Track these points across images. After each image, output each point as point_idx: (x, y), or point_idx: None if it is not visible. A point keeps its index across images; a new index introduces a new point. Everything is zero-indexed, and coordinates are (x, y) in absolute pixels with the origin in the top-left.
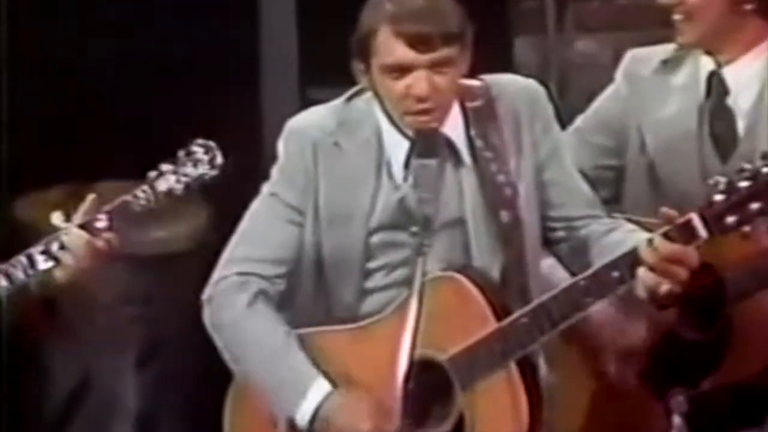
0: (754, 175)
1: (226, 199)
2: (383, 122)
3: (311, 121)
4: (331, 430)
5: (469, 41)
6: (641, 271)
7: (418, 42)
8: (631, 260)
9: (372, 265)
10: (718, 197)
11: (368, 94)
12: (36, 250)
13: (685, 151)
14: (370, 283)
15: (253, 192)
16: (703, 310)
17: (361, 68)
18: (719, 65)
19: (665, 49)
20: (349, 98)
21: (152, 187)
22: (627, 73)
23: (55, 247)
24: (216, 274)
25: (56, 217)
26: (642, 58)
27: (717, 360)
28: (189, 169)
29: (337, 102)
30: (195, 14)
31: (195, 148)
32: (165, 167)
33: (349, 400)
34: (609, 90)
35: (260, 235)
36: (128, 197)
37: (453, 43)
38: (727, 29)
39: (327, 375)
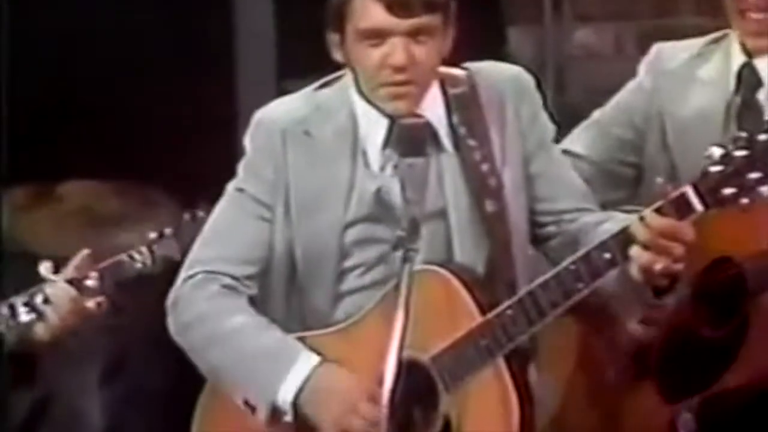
0: (750, 144)
1: (200, 200)
2: (359, 104)
3: (279, 110)
4: (320, 409)
5: (452, 15)
6: (634, 250)
7: (397, 6)
8: (623, 240)
9: (347, 264)
10: (713, 168)
11: (344, 81)
12: (19, 301)
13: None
14: (345, 286)
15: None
16: (719, 306)
17: (335, 40)
18: (750, 56)
19: (693, 43)
20: (322, 86)
21: (150, 251)
22: (651, 67)
23: (39, 299)
24: (180, 277)
25: (44, 268)
26: (668, 52)
27: (730, 359)
28: (191, 237)
29: (309, 89)
30: (168, 4)
31: (200, 213)
32: (167, 230)
33: (341, 371)
34: (631, 83)
35: (227, 233)
36: (123, 257)
37: (434, 11)
38: None
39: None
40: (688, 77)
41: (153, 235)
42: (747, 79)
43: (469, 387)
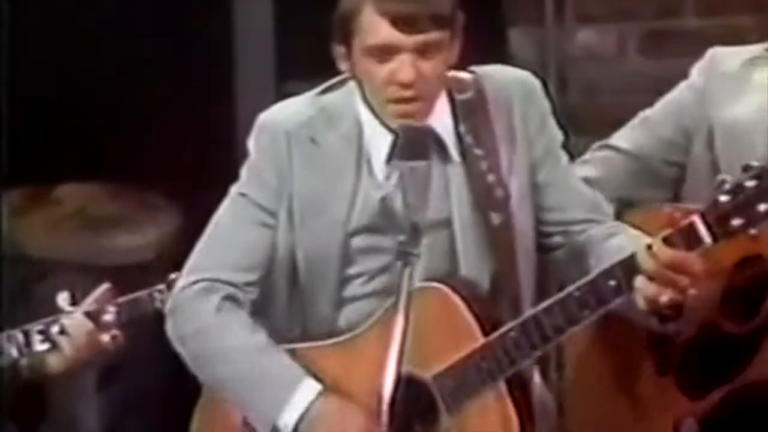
0: (761, 174)
1: (196, 204)
2: (364, 114)
3: (284, 113)
4: None
5: (459, 28)
6: (639, 280)
7: (404, 22)
8: (630, 267)
9: (350, 271)
10: (723, 198)
11: (348, 85)
12: (34, 329)
13: (753, 152)
14: (348, 292)
15: (227, 194)
16: (745, 303)
17: (342, 52)
18: None
19: (751, 49)
20: (327, 89)
21: (170, 289)
22: (705, 69)
23: (55, 329)
24: (179, 283)
25: (62, 299)
26: (724, 56)
27: (753, 354)
28: None
29: (314, 93)
30: (167, 7)
31: None
32: None
33: (343, 403)
34: (683, 83)
35: (228, 239)
36: (143, 294)
37: (442, 27)
38: None
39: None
40: (742, 81)
41: (173, 275)
42: None
43: (469, 409)
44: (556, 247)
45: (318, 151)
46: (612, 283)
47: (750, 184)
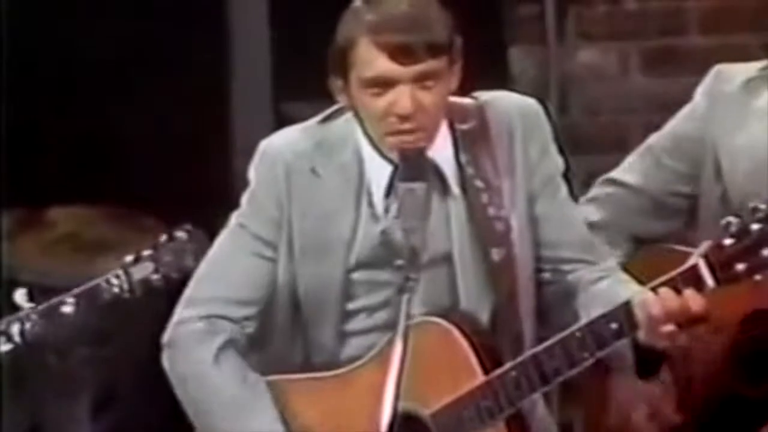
0: (767, 217)
1: (193, 225)
2: (364, 146)
3: (285, 143)
4: None
5: (458, 54)
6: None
7: (400, 53)
8: (631, 310)
9: (351, 306)
10: (728, 241)
11: (348, 114)
12: None
13: (762, 180)
14: (351, 326)
15: (222, 218)
16: (757, 362)
17: (338, 85)
18: None
19: (749, 68)
20: (327, 118)
21: (127, 273)
22: (708, 90)
23: (15, 329)
24: (177, 315)
25: (20, 296)
26: (726, 75)
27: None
28: (169, 259)
29: (314, 122)
30: (163, 24)
31: (179, 234)
32: (145, 252)
33: None
34: (686, 108)
35: (227, 271)
36: (100, 281)
37: (439, 55)
38: None
39: (299, 429)
40: (743, 104)
41: (129, 258)
42: None
43: None
44: (545, 283)
45: (318, 182)
46: (613, 326)
47: (756, 227)
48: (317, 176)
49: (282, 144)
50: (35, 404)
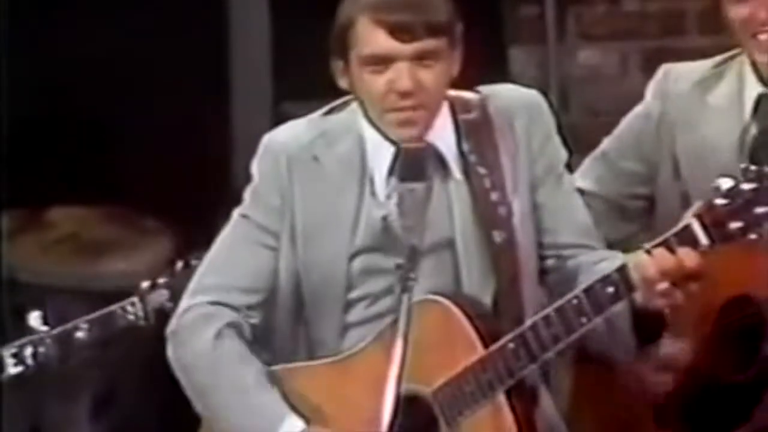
0: (760, 177)
1: (191, 227)
2: (366, 130)
3: (286, 136)
4: None
5: (457, 37)
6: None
7: (399, 30)
8: (628, 273)
9: (353, 295)
10: (720, 201)
11: (351, 106)
12: (7, 352)
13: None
14: (352, 317)
15: (222, 218)
16: (740, 348)
17: (340, 66)
18: (766, 84)
19: (700, 66)
20: (331, 110)
21: (143, 301)
22: (659, 90)
23: (28, 352)
24: (181, 305)
25: (34, 319)
26: (676, 75)
27: (757, 400)
28: (185, 284)
29: (317, 114)
30: (162, 24)
31: (194, 262)
32: (161, 280)
33: None
34: (638, 109)
35: (231, 261)
36: (115, 308)
37: (439, 35)
38: None
39: (301, 413)
40: (697, 102)
41: (145, 284)
42: (765, 108)
43: (469, 422)
44: (548, 270)
45: (320, 169)
46: (610, 289)
47: (748, 186)
48: (319, 163)
49: (285, 137)
50: (34, 406)
